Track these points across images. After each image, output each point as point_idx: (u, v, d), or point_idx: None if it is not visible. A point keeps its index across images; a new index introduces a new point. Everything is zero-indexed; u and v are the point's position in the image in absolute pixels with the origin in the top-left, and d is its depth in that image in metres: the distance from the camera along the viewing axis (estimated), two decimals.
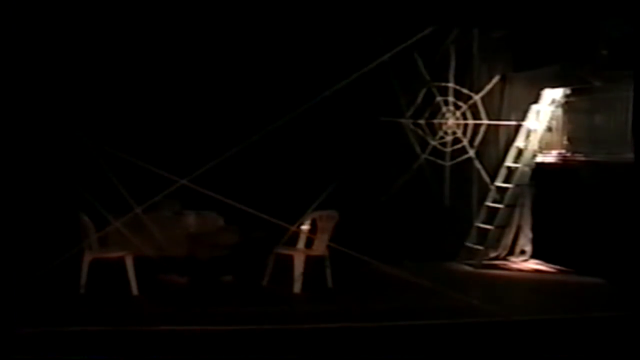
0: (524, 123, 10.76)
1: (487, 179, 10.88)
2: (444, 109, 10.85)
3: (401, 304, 8.05)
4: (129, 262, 8.30)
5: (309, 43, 9.89)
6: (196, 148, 9.22)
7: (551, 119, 10.54)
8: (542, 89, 10.61)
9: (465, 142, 10.83)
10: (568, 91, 10.34)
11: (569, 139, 10.32)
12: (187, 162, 8.10)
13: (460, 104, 10.84)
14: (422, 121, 10.77)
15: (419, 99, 10.78)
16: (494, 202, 10.79)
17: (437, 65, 10.78)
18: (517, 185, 10.69)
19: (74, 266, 8.07)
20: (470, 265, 10.49)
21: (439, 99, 10.82)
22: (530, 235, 10.94)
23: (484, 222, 10.75)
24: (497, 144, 10.98)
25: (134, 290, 8.26)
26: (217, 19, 9.18)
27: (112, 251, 8.38)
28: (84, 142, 8.49)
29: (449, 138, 10.85)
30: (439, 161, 10.84)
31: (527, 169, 10.69)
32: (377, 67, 8.57)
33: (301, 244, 8.79)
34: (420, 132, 10.79)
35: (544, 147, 10.61)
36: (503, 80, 10.97)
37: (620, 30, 9.07)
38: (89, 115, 9.30)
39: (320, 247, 8.77)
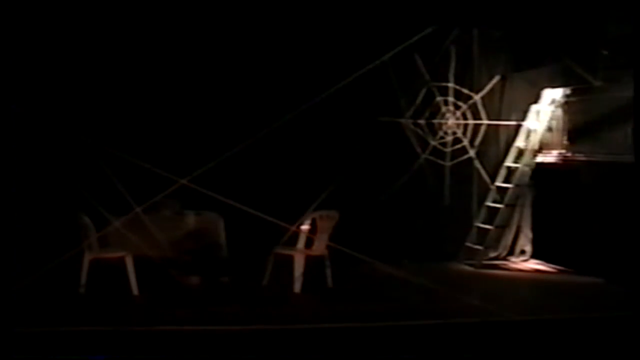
0: (524, 123, 10.77)
1: (487, 179, 10.88)
2: (444, 109, 10.84)
3: (401, 304, 8.05)
4: (129, 262, 8.31)
5: (309, 43, 9.89)
6: (196, 148, 9.22)
7: (551, 119, 10.54)
8: (542, 89, 10.62)
9: (465, 142, 10.83)
10: (568, 91, 10.34)
11: (569, 139, 10.32)
12: (187, 162, 8.09)
13: (460, 104, 10.83)
14: (422, 121, 10.77)
15: (419, 99, 10.77)
16: (494, 202, 10.79)
17: (437, 65, 10.77)
18: (517, 185, 10.70)
19: (74, 266, 8.07)
20: (470, 265, 10.49)
21: (439, 99, 10.82)
22: (530, 235, 10.95)
23: (484, 222, 10.76)
24: (497, 144, 10.98)
25: (134, 290, 8.27)
26: (217, 19, 9.18)
27: (112, 251, 8.38)
28: (84, 142, 8.49)
29: (449, 138, 10.85)
30: (439, 161, 10.84)
31: (527, 169, 10.69)
32: (377, 67, 8.57)
33: (301, 244, 8.79)
34: (420, 132, 10.79)
35: (544, 147, 10.61)
36: (503, 80, 10.97)
37: (620, 30, 9.07)
38: (89, 115, 9.31)
39: (320, 247, 8.78)
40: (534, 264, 10.72)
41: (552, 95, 10.52)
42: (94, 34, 9.26)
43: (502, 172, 10.82)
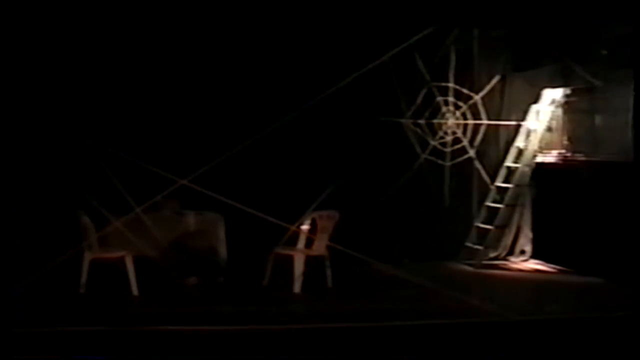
0: (524, 123, 10.76)
1: (487, 179, 10.87)
2: (444, 109, 10.84)
3: (401, 304, 8.05)
4: (129, 262, 8.31)
5: (309, 43, 9.89)
6: (196, 148, 9.22)
7: (551, 119, 10.54)
8: (542, 89, 10.62)
9: (465, 142, 10.83)
10: (568, 91, 10.33)
11: (569, 139, 10.32)
12: (187, 162, 8.09)
13: (460, 104, 10.83)
14: (422, 121, 10.77)
15: (419, 99, 10.77)
16: (494, 202, 10.79)
17: (437, 65, 10.77)
18: (517, 185, 10.69)
19: (74, 266, 8.07)
20: (470, 265, 10.49)
21: (439, 99, 10.82)
22: (530, 235, 10.94)
23: (484, 222, 10.75)
24: (497, 144, 10.97)
25: (134, 290, 8.27)
26: (217, 19, 9.18)
27: (112, 251, 8.39)
28: (85, 142, 8.49)
29: (449, 138, 10.85)
30: (439, 161, 10.84)
31: (527, 169, 10.69)
32: (377, 67, 8.57)
33: (301, 244, 8.80)
34: (420, 132, 10.79)
35: (544, 147, 10.61)
36: (503, 80, 10.96)
37: (620, 30, 9.07)
38: (89, 115, 9.31)
39: (320, 247, 8.78)
40: (534, 264, 10.72)
41: (552, 95, 10.52)
42: (95, 35, 9.26)
43: (502, 172, 10.82)
